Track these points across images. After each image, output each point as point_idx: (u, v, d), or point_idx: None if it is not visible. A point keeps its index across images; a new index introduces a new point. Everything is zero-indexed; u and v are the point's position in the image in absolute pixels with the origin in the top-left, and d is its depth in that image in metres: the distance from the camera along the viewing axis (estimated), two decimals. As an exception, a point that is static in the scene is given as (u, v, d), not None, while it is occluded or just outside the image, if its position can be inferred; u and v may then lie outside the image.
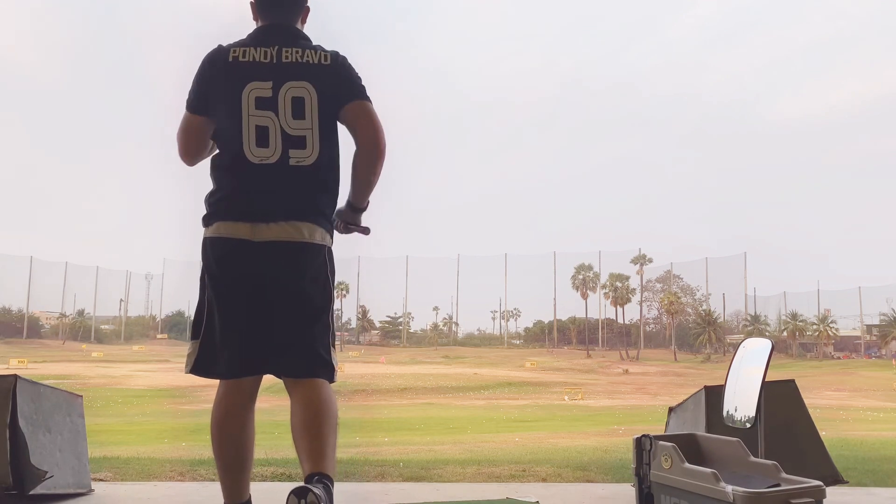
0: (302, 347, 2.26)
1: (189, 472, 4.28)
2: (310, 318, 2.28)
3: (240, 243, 2.22)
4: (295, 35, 2.37)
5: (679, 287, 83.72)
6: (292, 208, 2.25)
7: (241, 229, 2.23)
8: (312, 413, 2.20)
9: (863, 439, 9.37)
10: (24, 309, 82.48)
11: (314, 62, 2.29)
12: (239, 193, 2.26)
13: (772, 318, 78.00)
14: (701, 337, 74.56)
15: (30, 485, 3.04)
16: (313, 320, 2.28)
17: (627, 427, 16.05)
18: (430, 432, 16.29)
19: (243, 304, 2.24)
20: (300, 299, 2.26)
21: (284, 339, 2.25)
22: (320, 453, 2.12)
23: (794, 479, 2.31)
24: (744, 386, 2.88)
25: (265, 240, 2.21)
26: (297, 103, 2.25)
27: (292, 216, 2.24)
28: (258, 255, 2.21)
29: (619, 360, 70.11)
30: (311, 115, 2.26)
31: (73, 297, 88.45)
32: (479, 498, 3.54)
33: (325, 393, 2.25)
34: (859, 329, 75.10)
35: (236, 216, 2.24)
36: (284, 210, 2.24)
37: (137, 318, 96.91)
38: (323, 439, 2.15)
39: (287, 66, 2.27)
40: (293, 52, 2.29)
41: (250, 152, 2.23)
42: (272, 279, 2.23)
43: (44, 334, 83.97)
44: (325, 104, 2.28)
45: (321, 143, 2.27)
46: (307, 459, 2.12)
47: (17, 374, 3.19)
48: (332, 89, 2.29)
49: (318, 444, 2.14)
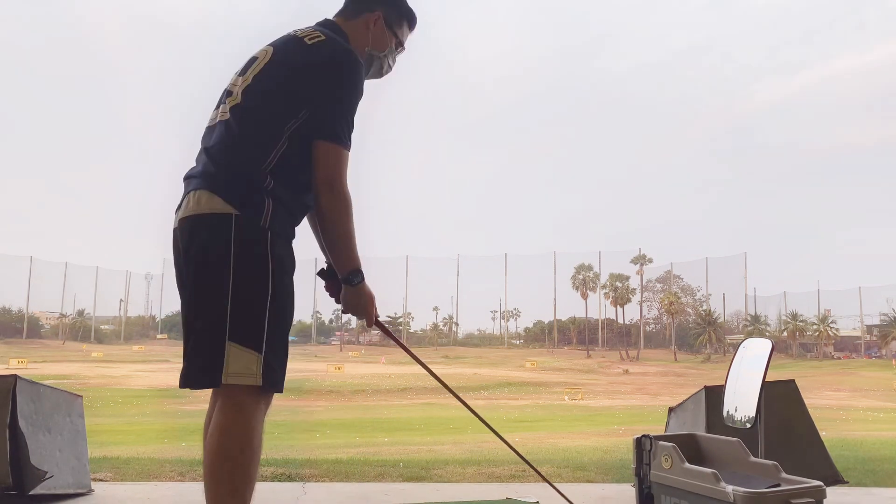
0: (198, 352, 1.95)
1: (189, 472, 4.28)
2: (199, 306, 1.95)
3: (174, 230, 2.04)
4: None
5: (679, 287, 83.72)
6: (209, 174, 2.00)
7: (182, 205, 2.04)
8: (206, 448, 1.91)
9: (863, 439, 9.36)
10: (24, 309, 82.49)
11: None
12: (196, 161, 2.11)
13: (772, 318, 78.06)
14: (701, 337, 74.52)
15: (30, 485, 3.04)
16: (205, 309, 1.93)
17: (627, 427, 16.04)
18: (430, 432, 16.27)
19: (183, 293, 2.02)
20: (199, 284, 1.95)
21: (190, 341, 1.98)
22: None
23: (794, 479, 2.31)
24: (744, 386, 2.88)
25: (179, 218, 2.02)
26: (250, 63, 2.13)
27: (204, 185, 1.98)
28: (176, 238, 2.02)
29: (619, 361, 70.07)
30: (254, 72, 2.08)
31: (73, 297, 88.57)
32: (479, 498, 3.54)
33: (222, 415, 1.89)
34: (859, 329, 75.05)
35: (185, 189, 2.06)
36: (203, 178, 2.00)
37: (137, 318, 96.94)
38: (210, 488, 1.87)
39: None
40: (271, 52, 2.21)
41: (210, 117, 2.16)
42: (182, 265, 2.00)
43: (44, 334, 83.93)
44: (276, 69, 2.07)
45: (248, 93, 2.04)
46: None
47: (17, 374, 3.20)
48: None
49: (208, 494, 1.88)
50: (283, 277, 1.98)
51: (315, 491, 3.79)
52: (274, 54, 2.10)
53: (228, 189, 1.94)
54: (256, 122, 2.01)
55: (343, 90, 2.04)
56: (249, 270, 1.91)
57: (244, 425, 1.90)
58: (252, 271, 1.91)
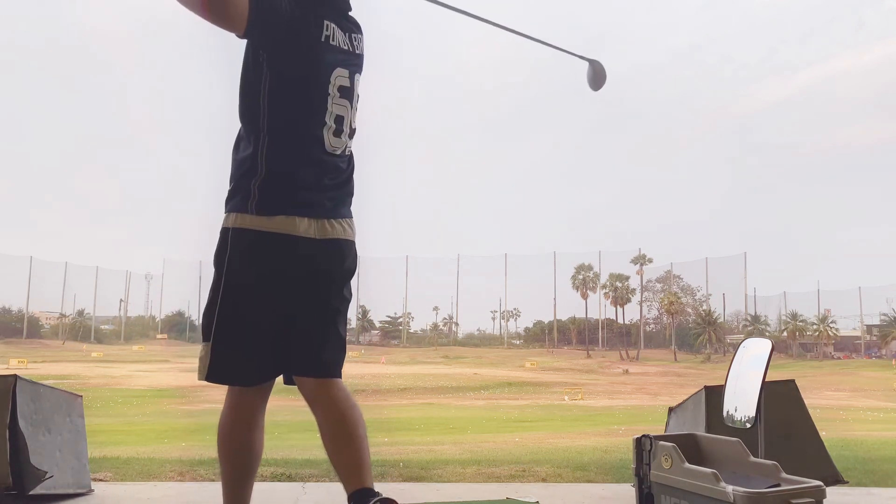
0: (337, 346, 2.18)
1: (189, 472, 4.28)
2: (344, 314, 2.22)
3: (306, 241, 2.07)
4: (355, 21, 2.30)
5: (679, 287, 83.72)
6: (348, 205, 2.22)
7: (308, 226, 2.07)
8: (350, 418, 2.07)
9: (863, 439, 9.36)
10: (24, 309, 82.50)
11: (362, 54, 2.27)
12: (313, 186, 2.09)
13: (772, 318, 78.10)
14: (701, 337, 74.52)
15: (30, 485, 3.04)
16: (345, 316, 2.24)
17: (627, 427, 16.03)
18: (430, 432, 16.27)
19: (286, 304, 2.07)
20: (346, 297, 2.21)
21: (321, 337, 2.13)
22: (366, 465, 2.00)
23: (794, 479, 2.31)
24: (744, 386, 2.88)
25: (331, 237, 2.12)
26: (357, 98, 2.24)
27: (348, 213, 2.21)
28: (323, 253, 2.10)
29: (619, 360, 70.08)
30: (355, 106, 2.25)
31: (73, 297, 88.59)
32: (479, 498, 3.54)
33: (348, 392, 2.14)
34: (859, 329, 75.05)
35: (305, 211, 2.07)
36: (346, 207, 2.21)
37: (137, 318, 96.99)
38: (366, 448, 2.03)
39: (359, 56, 2.25)
40: (361, 43, 2.26)
41: (329, 143, 2.13)
42: (334, 277, 2.15)
43: (44, 334, 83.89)
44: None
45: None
46: (354, 473, 1.98)
47: (17, 374, 3.19)
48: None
49: (362, 454, 2.01)
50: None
51: (315, 491, 3.79)
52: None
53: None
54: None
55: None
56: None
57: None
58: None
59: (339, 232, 2.14)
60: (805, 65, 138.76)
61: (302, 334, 2.10)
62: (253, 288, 2.05)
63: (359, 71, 2.24)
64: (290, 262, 2.04)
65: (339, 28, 2.17)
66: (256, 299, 2.05)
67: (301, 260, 2.05)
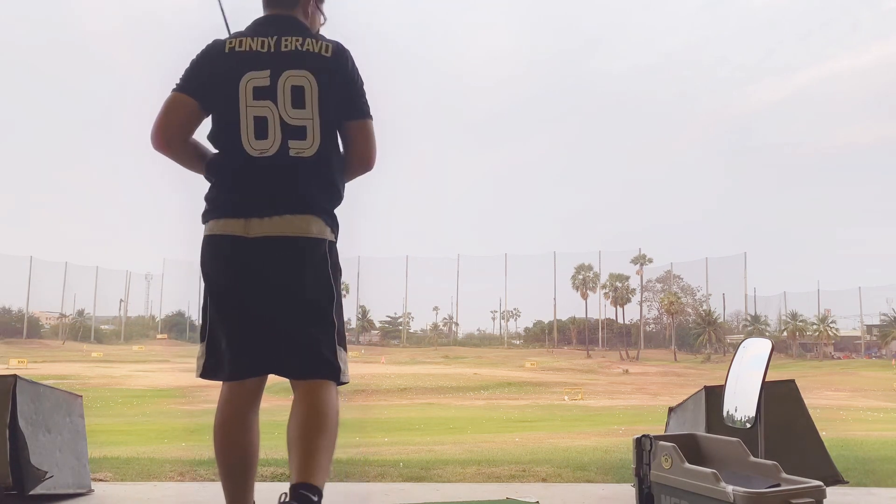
0: (300, 346, 2.15)
1: (189, 472, 4.28)
2: (309, 315, 2.16)
3: (233, 240, 2.14)
4: (295, 24, 2.29)
5: (679, 287, 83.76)
6: (290, 201, 2.15)
7: (234, 226, 2.14)
8: (306, 416, 2.10)
9: (863, 439, 9.36)
10: (24, 309, 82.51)
11: (314, 51, 2.21)
12: (234, 188, 2.18)
13: (772, 318, 78.12)
14: (701, 337, 74.55)
15: (30, 485, 3.04)
16: (314, 317, 2.17)
17: (627, 427, 16.04)
18: (430, 432, 16.28)
19: (240, 304, 2.16)
20: (298, 296, 2.15)
21: (285, 337, 2.15)
22: (308, 461, 2.02)
23: (794, 479, 2.31)
24: (744, 386, 2.88)
25: (259, 235, 2.13)
26: (296, 92, 2.16)
27: (289, 209, 2.14)
28: (252, 252, 2.13)
29: (619, 361, 70.10)
30: (312, 105, 2.17)
31: (73, 297, 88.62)
32: (479, 498, 3.54)
33: (324, 395, 2.13)
34: (859, 329, 75.07)
35: (229, 212, 2.16)
36: (282, 203, 2.15)
37: (137, 318, 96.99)
38: (313, 445, 2.05)
39: (286, 54, 2.20)
40: (293, 41, 2.21)
41: (249, 145, 2.15)
42: (269, 276, 2.14)
43: (44, 334, 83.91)
44: (325, 96, 2.19)
45: (322, 134, 2.18)
46: (295, 467, 2.03)
47: (17, 374, 3.19)
48: (332, 85, 2.21)
49: (308, 450, 2.04)
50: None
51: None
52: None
53: (324, 217, 2.26)
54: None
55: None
56: (335, 288, 2.27)
57: (336, 402, 2.18)
58: (335, 289, 2.27)
59: (274, 228, 2.13)
60: (803, 65, 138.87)
61: (279, 334, 2.17)
62: (214, 288, 2.21)
63: (292, 67, 2.18)
64: (223, 261, 2.18)
65: (252, 34, 2.24)
66: (220, 299, 2.20)
67: (232, 259, 2.16)
